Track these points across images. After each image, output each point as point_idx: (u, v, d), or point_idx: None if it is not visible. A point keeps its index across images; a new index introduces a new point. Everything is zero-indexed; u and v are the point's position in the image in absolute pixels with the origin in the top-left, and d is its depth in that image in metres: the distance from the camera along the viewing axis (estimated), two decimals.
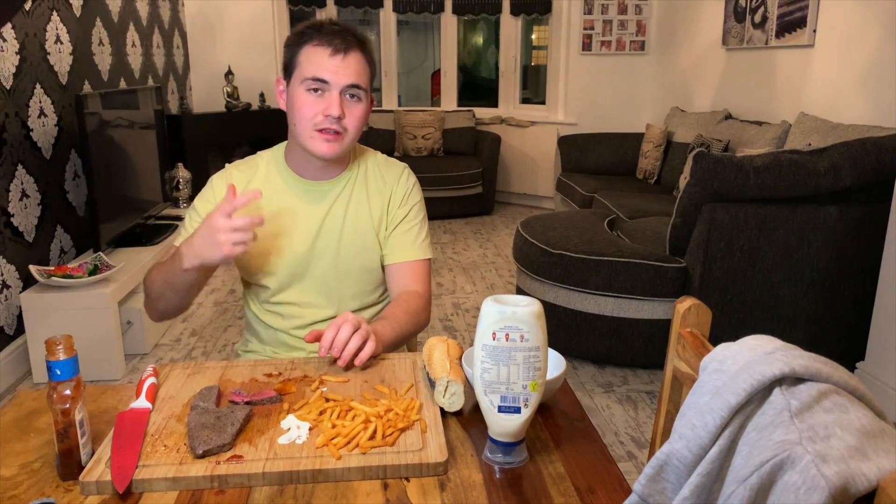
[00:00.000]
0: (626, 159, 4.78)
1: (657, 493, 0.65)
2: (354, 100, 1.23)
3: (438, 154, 5.43)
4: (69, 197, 3.10)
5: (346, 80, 1.20)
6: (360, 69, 1.22)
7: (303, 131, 1.23)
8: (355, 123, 1.24)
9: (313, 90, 1.21)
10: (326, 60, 1.20)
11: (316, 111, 1.21)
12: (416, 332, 1.34)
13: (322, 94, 1.21)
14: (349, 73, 1.21)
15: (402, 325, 1.25)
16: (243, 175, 1.33)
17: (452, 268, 4.04)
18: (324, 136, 1.22)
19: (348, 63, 1.21)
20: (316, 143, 1.23)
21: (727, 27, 4.17)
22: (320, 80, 1.20)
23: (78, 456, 0.85)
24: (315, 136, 1.22)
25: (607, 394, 2.50)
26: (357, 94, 1.23)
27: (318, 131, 1.22)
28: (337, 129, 1.22)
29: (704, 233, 2.39)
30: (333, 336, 1.07)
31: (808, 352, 0.63)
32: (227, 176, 1.34)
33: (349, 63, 1.21)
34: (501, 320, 0.83)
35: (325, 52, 1.20)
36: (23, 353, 2.64)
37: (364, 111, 1.25)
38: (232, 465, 0.84)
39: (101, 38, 3.60)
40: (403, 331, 1.26)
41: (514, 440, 0.87)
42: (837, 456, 0.53)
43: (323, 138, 1.22)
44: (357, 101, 1.24)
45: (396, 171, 1.39)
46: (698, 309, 0.88)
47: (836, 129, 2.91)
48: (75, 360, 0.83)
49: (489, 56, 6.59)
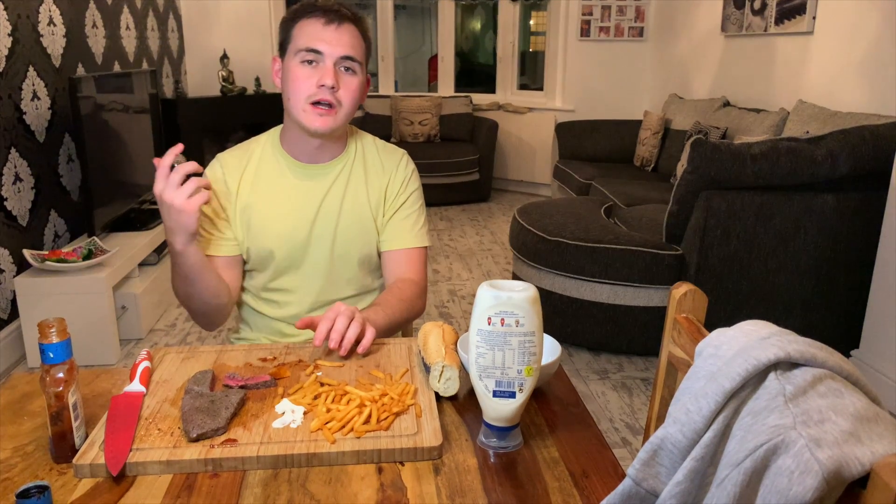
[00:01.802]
0: (623, 146, 4.77)
1: (651, 477, 0.65)
2: (349, 73, 1.22)
3: (435, 140, 5.41)
4: (63, 181, 3.08)
5: (340, 50, 1.20)
6: (354, 42, 1.22)
7: (296, 104, 1.22)
8: (350, 97, 1.23)
9: (307, 62, 1.20)
10: (320, 30, 1.20)
11: (310, 83, 1.20)
12: (410, 320, 1.33)
13: (316, 65, 1.20)
14: (343, 44, 1.20)
15: (395, 312, 1.25)
16: (238, 161, 1.31)
17: (449, 254, 4.04)
18: (317, 111, 1.21)
19: (342, 34, 1.20)
20: (309, 116, 1.22)
21: (726, 14, 4.14)
22: (314, 51, 1.19)
23: (71, 439, 0.85)
24: (308, 109, 1.21)
25: (602, 380, 2.51)
26: (352, 67, 1.22)
27: (311, 105, 1.21)
28: (330, 101, 1.20)
29: (701, 220, 2.38)
30: (328, 328, 1.06)
31: (803, 337, 0.63)
32: (221, 162, 1.32)
33: (343, 34, 1.20)
34: (497, 305, 0.82)
35: (319, 22, 1.20)
36: (17, 337, 2.63)
37: (359, 85, 1.24)
38: (226, 448, 0.84)
39: (94, 21, 3.56)
40: (396, 318, 1.25)
41: (509, 425, 0.87)
42: (831, 440, 0.53)
43: (316, 112, 1.21)
44: (352, 74, 1.23)
45: (396, 156, 1.37)
46: (694, 294, 0.88)
47: (834, 116, 2.90)
48: (68, 343, 0.83)
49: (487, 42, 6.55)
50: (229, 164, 1.31)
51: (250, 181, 1.30)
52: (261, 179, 1.30)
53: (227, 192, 1.29)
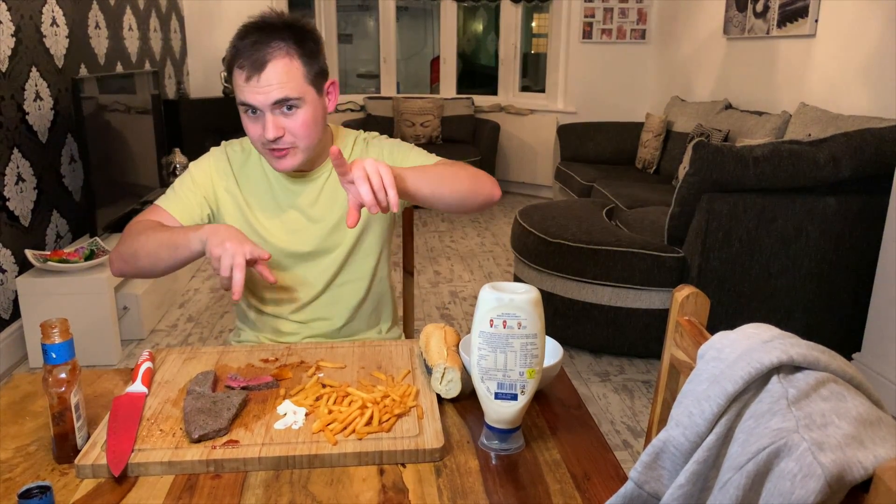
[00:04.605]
0: (625, 149, 4.77)
1: (653, 479, 0.65)
2: (291, 111, 1.16)
3: (437, 142, 5.41)
4: (65, 181, 3.09)
5: (267, 99, 1.14)
6: (283, 79, 1.14)
7: (257, 150, 1.22)
8: (299, 132, 1.17)
9: (250, 111, 1.18)
10: (245, 85, 1.14)
11: (258, 134, 1.18)
12: (476, 190, 1.19)
13: (258, 114, 1.17)
14: (270, 91, 1.13)
15: (438, 168, 1.16)
16: (237, 157, 1.32)
17: (450, 256, 4.04)
18: (275, 154, 1.20)
19: (266, 80, 1.13)
20: (272, 160, 1.21)
21: (728, 16, 4.14)
22: (248, 105, 1.17)
23: (73, 439, 0.85)
24: (267, 153, 1.21)
25: (604, 383, 2.51)
26: (291, 104, 1.16)
27: (268, 150, 1.20)
28: (283, 147, 1.19)
29: (703, 223, 2.38)
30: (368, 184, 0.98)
31: (805, 340, 0.63)
32: (223, 154, 1.32)
33: (267, 80, 1.13)
34: (499, 307, 0.82)
35: (242, 76, 1.14)
36: (19, 338, 2.63)
37: (306, 117, 1.17)
38: (228, 449, 0.84)
39: (97, 21, 3.57)
40: (441, 172, 1.15)
41: (511, 427, 0.87)
42: (834, 444, 0.53)
43: (274, 156, 1.20)
44: (294, 110, 1.16)
45: (375, 149, 1.34)
46: (696, 297, 0.88)
47: (836, 119, 2.90)
48: (71, 343, 0.83)
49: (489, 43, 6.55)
50: (231, 159, 1.32)
51: (244, 179, 1.31)
52: (255, 180, 1.30)
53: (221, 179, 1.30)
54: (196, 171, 1.31)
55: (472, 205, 1.20)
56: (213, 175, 1.30)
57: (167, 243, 1.14)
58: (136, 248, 1.17)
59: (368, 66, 6.31)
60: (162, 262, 1.16)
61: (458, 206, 1.19)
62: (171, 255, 1.14)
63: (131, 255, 1.18)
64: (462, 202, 1.18)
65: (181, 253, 1.13)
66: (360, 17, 6.43)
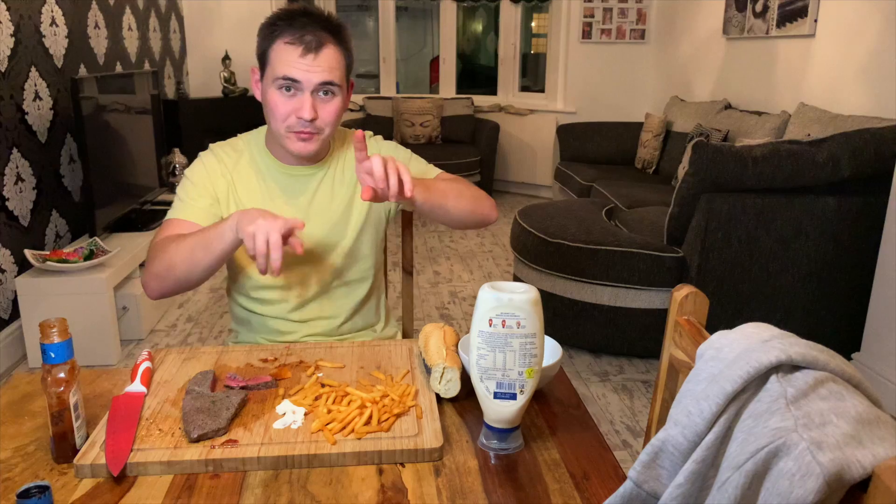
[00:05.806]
0: (625, 149, 4.77)
1: (652, 479, 0.65)
2: (328, 96, 1.20)
3: (437, 142, 5.41)
4: (65, 181, 3.08)
5: (318, 78, 1.17)
6: (333, 64, 1.18)
7: (277, 129, 1.22)
8: (329, 120, 1.21)
9: (285, 88, 1.18)
10: (297, 60, 1.16)
11: (288, 111, 1.18)
12: (475, 210, 1.27)
13: (294, 93, 1.18)
14: (321, 72, 1.17)
15: (441, 183, 1.23)
16: (229, 157, 1.31)
17: (450, 256, 4.04)
18: (298, 136, 1.20)
19: (320, 61, 1.17)
20: (291, 142, 1.21)
21: (728, 16, 4.15)
22: (291, 80, 1.17)
23: (72, 439, 0.85)
24: (290, 135, 1.21)
25: (603, 382, 2.51)
26: (331, 90, 1.19)
27: (292, 132, 1.20)
28: (311, 130, 1.20)
29: (702, 223, 2.38)
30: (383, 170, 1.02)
31: (804, 340, 0.63)
32: (213, 157, 1.31)
33: (321, 61, 1.17)
34: (498, 307, 0.82)
35: (296, 51, 1.16)
36: (18, 338, 2.63)
37: (338, 107, 1.22)
38: (227, 449, 0.84)
39: (96, 21, 3.57)
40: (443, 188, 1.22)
41: (510, 427, 0.87)
42: (832, 443, 0.53)
43: (297, 137, 1.21)
44: (331, 97, 1.20)
45: (374, 148, 1.35)
46: (695, 297, 0.88)
47: (835, 119, 2.90)
48: (70, 343, 0.83)
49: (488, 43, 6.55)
50: (222, 160, 1.30)
51: (238, 179, 1.30)
52: (250, 179, 1.30)
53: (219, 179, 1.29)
54: (193, 176, 1.30)
55: (468, 224, 1.29)
56: (210, 177, 1.30)
57: (200, 244, 1.12)
58: (169, 261, 1.15)
59: (368, 66, 6.31)
60: (200, 264, 1.13)
61: (456, 222, 1.27)
62: (208, 254, 1.11)
63: (166, 269, 1.15)
64: (460, 220, 1.27)
65: (216, 247, 1.10)
66: (360, 17, 6.42)
